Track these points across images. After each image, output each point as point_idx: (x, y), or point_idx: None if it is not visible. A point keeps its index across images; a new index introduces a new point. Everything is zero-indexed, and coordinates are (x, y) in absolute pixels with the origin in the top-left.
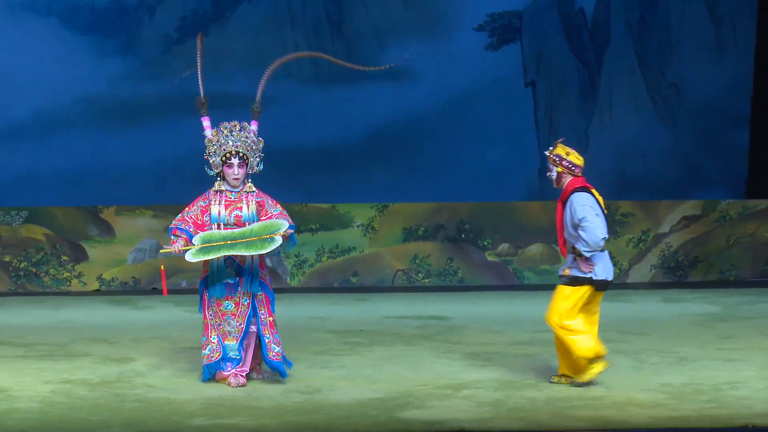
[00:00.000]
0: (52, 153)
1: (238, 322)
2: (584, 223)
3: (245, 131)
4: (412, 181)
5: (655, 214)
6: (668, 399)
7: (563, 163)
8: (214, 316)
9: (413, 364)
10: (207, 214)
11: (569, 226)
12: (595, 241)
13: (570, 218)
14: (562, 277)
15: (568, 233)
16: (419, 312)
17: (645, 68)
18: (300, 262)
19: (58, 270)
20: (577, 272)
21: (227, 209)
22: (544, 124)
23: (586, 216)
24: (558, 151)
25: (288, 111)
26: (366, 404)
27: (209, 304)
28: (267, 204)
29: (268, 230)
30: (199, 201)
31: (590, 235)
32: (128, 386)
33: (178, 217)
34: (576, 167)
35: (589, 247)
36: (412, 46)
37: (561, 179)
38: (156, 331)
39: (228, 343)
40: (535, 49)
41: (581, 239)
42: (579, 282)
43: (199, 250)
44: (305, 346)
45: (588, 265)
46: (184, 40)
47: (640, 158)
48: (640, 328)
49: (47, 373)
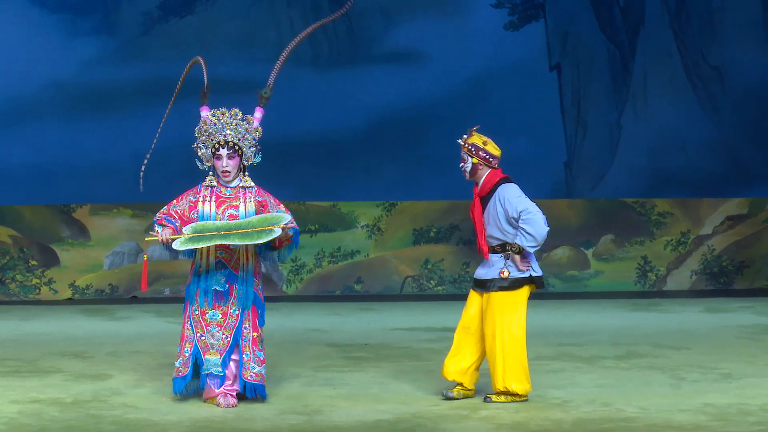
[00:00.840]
0: (18, 145)
1: (224, 334)
2: (526, 215)
3: (236, 118)
4: (423, 176)
5: (696, 214)
6: (710, 421)
7: (480, 153)
8: (194, 326)
9: (424, 381)
10: (195, 210)
11: (501, 222)
12: (542, 234)
13: (502, 213)
14: (496, 281)
15: (499, 230)
16: (431, 323)
17: (684, 50)
18: (297, 267)
19: (25, 276)
20: (515, 272)
21: (220, 207)
22: (571, 112)
23: (527, 207)
24: (473, 140)
25: (283, 97)
26: (372, 426)
27: (190, 312)
28: (269, 204)
29: (268, 222)
30: (188, 195)
31: (537, 228)
32: (105, 406)
33: (163, 210)
34: (494, 158)
35: (535, 242)
36: (422, 25)
37: (476, 171)
38: (135, 344)
39: (210, 357)
40: (560, 28)
41: (524, 233)
42: (520, 283)
43: (188, 239)
44: (303, 362)
45: (526, 262)
46: (167, 18)
47: (678, 151)
48: (679, 341)
49: (14, 392)
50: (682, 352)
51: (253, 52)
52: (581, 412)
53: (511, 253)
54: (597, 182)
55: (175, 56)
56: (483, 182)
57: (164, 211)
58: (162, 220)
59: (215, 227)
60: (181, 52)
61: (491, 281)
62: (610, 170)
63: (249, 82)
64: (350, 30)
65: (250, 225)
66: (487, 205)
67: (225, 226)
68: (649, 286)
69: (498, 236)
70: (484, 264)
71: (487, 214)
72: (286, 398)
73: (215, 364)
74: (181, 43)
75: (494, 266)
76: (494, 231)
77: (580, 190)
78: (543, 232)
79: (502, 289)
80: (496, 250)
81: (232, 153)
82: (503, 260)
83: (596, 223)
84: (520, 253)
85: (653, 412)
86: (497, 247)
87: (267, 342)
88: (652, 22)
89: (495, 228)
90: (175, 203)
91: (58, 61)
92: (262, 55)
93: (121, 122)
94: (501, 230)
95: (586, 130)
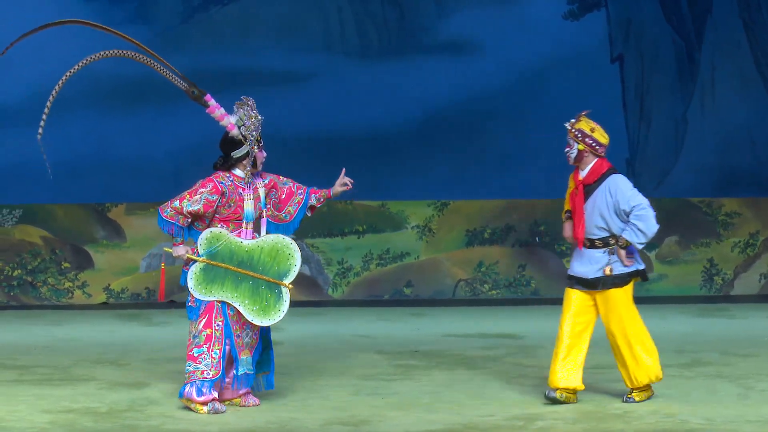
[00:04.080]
0: (50, 141)
1: (254, 332)
2: (640, 210)
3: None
4: (477, 174)
5: (766, 214)
6: None
7: (586, 140)
8: (231, 326)
9: (478, 390)
10: (239, 210)
11: (608, 213)
12: (652, 231)
13: (612, 204)
14: (607, 280)
15: (603, 220)
16: (485, 329)
17: (754, 40)
18: (344, 270)
19: (58, 279)
20: (621, 268)
21: (255, 206)
22: (634, 106)
23: (641, 203)
24: (581, 125)
25: (329, 90)
26: None
27: (221, 312)
28: (279, 182)
29: (276, 270)
30: (203, 192)
31: (648, 225)
32: (141, 416)
33: (175, 206)
34: (600, 146)
35: (645, 238)
36: (476, 14)
37: (581, 158)
38: (173, 351)
39: (245, 357)
40: (623, 17)
41: (635, 229)
42: (630, 277)
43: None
44: (350, 369)
45: (630, 257)
46: (208, 6)
47: (747, 147)
48: (747, 348)
49: (45, 401)
50: (750, 360)
51: (296, 42)
52: (643, 423)
53: (617, 247)
54: (661, 180)
55: (216, 47)
56: (589, 170)
57: (177, 209)
58: (173, 229)
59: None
60: (221, 43)
61: (601, 280)
62: (675, 168)
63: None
64: (401, 18)
65: (264, 270)
66: (592, 194)
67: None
68: (716, 290)
69: (601, 225)
70: (581, 260)
71: (591, 203)
72: (332, 408)
73: (248, 362)
74: (221, 32)
75: (598, 263)
76: (597, 221)
77: (642, 189)
78: (654, 228)
79: (617, 286)
80: (596, 245)
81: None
82: (607, 256)
83: (660, 224)
84: (625, 248)
85: (719, 423)
86: (597, 242)
87: (313, 349)
88: (720, 11)
89: (598, 218)
90: (188, 201)
91: (91, 53)
92: (305, 45)
93: (157, 117)
94: (606, 221)
95: (650, 126)
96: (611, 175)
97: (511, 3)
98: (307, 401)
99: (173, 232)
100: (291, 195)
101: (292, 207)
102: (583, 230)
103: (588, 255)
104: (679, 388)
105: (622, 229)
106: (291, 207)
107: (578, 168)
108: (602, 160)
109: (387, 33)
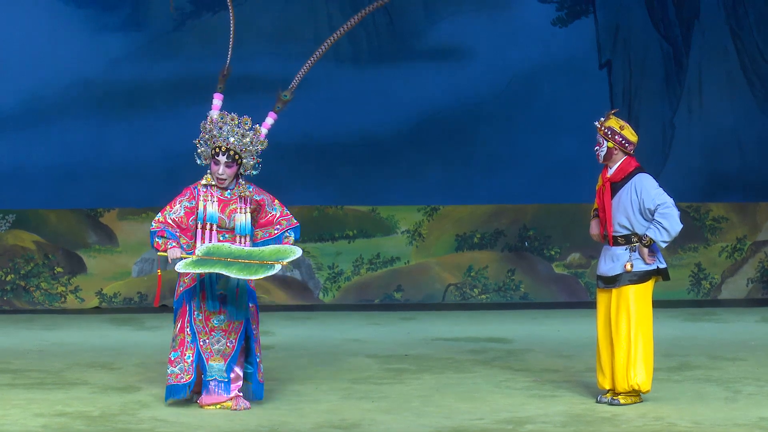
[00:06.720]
0: (43, 146)
1: (229, 340)
2: (664, 209)
3: (244, 127)
4: (467, 178)
5: (753, 219)
6: None
7: (616, 138)
8: (197, 332)
9: (468, 394)
10: (194, 216)
11: (632, 211)
12: (676, 230)
13: (636, 203)
14: (625, 276)
15: (627, 219)
16: (475, 333)
17: (741, 46)
18: (335, 274)
19: (50, 284)
20: (642, 265)
21: (224, 210)
22: (622, 111)
23: (666, 202)
24: (610, 123)
25: (320, 96)
26: None
27: (192, 318)
28: (266, 203)
29: (276, 256)
30: (182, 200)
31: (672, 223)
32: (133, 420)
33: (158, 218)
34: (630, 144)
35: (669, 237)
36: (466, 20)
37: (611, 156)
38: (165, 355)
39: (213, 363)
40: (611, 24)
41: (659, 227)
42: (649, 276)
43: (193, 261)
44: (341, 373)
45: (652, 255)
46: (200, 13)
47: (735, 152)
48: (735, 352)
49: (38, 405)
50: (738, 364)
51: (288, 48)
52: (632, 426)
53: (639, 245)
54: None
55: (208, 53)
56: (617, 168)
57: (161, 220)
58: (163, 232)
59: (228, 251)
60: (214, 49)
61: (619, 276)
62: (662, 173)
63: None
64: (391, 25)
65: (262, 256)
66: (618, 192)
67: (237, 252)
68: (703, 294)
69: (625, 224)
70: (606, 258)
71: (617, 201)
72: (323, 412)
73: (219, 370)
74: (214, 39)
75: (619, 260)
76: (622, 219)
77: None
78: (678, 227)
79: (633, 283)
80: (619, 242)
81: (231, 162)
82: (628, 253)
83: None
84: (648, 246)
85: (707, 427)
86: (621, 239)
87: (303, 353)
88: (708, 17)
89: (623, 216)
90: (169, 209)
91: (84, 59)
92: (298, 51)
93: (151, 122)
94: (629, 219)
95: (638, 130)
96: (638, 174)
97: (500, 9)
98: (298, 405)
99: (164, 235)
100: (269, 224)
101: (262, 233)
102: (611, 227)
103: (611, 252)
104: (668, 392)
105: (646, 227)
106: (261, 233)
107: (607, 166)
108: (630, 159)
109: (378, 39)
